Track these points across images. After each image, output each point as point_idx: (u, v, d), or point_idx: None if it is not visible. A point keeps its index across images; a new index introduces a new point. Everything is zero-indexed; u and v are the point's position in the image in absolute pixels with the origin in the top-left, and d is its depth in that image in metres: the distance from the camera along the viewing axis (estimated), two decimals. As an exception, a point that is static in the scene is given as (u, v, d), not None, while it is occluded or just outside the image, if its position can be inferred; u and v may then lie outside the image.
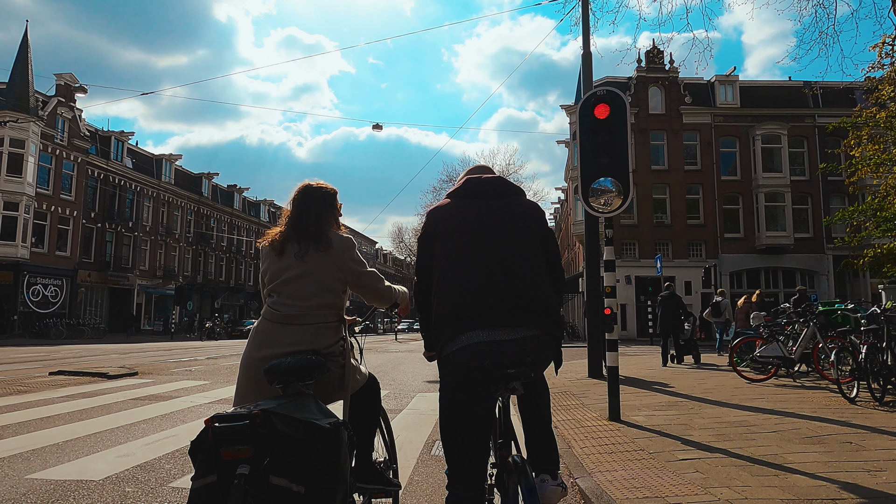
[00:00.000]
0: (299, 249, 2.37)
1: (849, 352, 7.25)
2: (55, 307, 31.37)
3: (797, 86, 31.95)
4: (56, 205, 31.88)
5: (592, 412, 6.49)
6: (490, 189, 2.33)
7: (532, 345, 2.07)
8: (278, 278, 2.37)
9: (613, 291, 6.38)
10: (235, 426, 1.78)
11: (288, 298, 2.33)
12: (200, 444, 1.84)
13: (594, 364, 10.10)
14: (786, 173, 30.25)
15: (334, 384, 2.35)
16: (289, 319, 2.31)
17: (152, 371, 11.18)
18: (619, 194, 6.21)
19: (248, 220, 53.00)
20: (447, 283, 2.15)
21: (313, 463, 1.84)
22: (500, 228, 2.21)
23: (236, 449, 1.77)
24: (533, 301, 2.11)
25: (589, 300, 10.40)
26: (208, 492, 1.79)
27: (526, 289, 2.12)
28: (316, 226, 2.42)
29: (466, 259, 2.15)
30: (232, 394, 5.57)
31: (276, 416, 1.85)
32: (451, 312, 2.10)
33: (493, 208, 2.26)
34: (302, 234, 2.39)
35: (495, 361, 2.02)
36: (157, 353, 17.01)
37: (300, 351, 2.25)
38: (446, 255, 2.19)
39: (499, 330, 2.04)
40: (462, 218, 2.25)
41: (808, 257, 30.04)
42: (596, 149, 6.20)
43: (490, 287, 2.09)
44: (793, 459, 4.13)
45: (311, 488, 1.81)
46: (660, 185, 31.05)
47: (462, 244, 2.18)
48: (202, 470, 1.82)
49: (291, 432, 1.84)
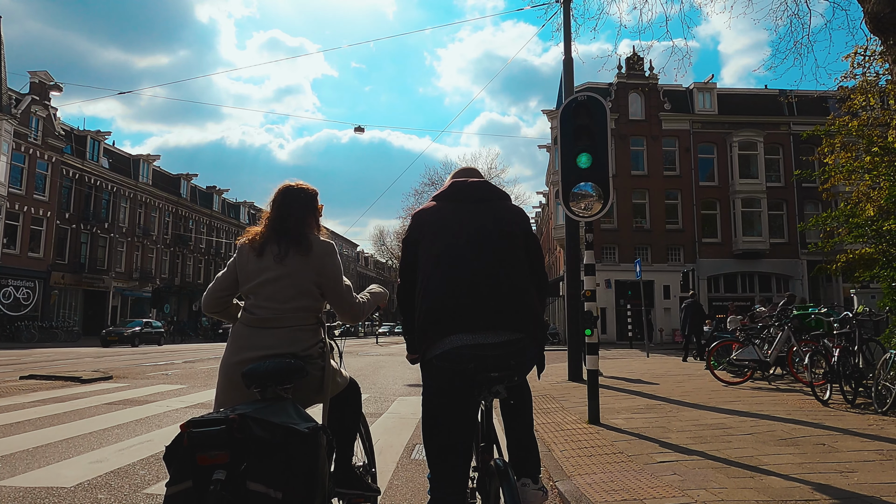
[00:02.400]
0: (279, 252, 2.32)
1: (822, 355, 7.40)
2: (27, 310, 30.66)
3: (773, 94, 32.60)
4: (29, 205, 31.18)
5: (572, 415, 6.52)
6: (475, 193, 2.33)
7: (515, 348, 2.07)
8: (255, 279, 2.32)
9: (593, 295, 6.43)
10: (211, 431, 1.74)
11: (265, 301, 2.29)
12: (176, 449, 1.79)
13: (574, 367, 10.16)
14: (762, 179, 30.83)
15: (313, 388, 2.31)
16: (266, 323, 2.27)
17: (127, 375, 10.97)
18: (600, 199, 6.26)
19: (227, 221, 52.42)
20: (431, 286, 2.13)
21: (291, 468, 1.80)
22: (484, 232, 2.20)
23: (212, 454, 1.73)
24: (516, 305, 2.11)
25: (569, 303, 10.47)
26: (184, 498, 1.75)
27: (509, 293, 2.11)
28: (297, 228, 2.38)
29: (450, 263, 2.14)
30: (210, 398, 5.52)
31: (254, 421, 1.80)
32: (434, 315, 2.09)
33: (477, 212, 2.25)
34: (282, 236, 2.35)
35: (479, 365, 2.02)
36: (132, 357, 16.72)
37: (278, 354, 2.21)
38: (430, 258, 2.18)
39: (482, 333, 2.04)
40: (446, 221, 2.24)
41: (783, 262, 30.62)
42: (576, 153, 6.26)
43: (473, 291, 2.09)
44: (768, 461, 4.19)
45: (289, 494, 1.77)
46: (639, 190, 31.43)
47: (445, 247, 2.17)
48: (177, 475, 1.78)
49: (269, 437, 1.80)
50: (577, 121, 6.27)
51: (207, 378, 10.71)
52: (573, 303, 10.39)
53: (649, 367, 12.74)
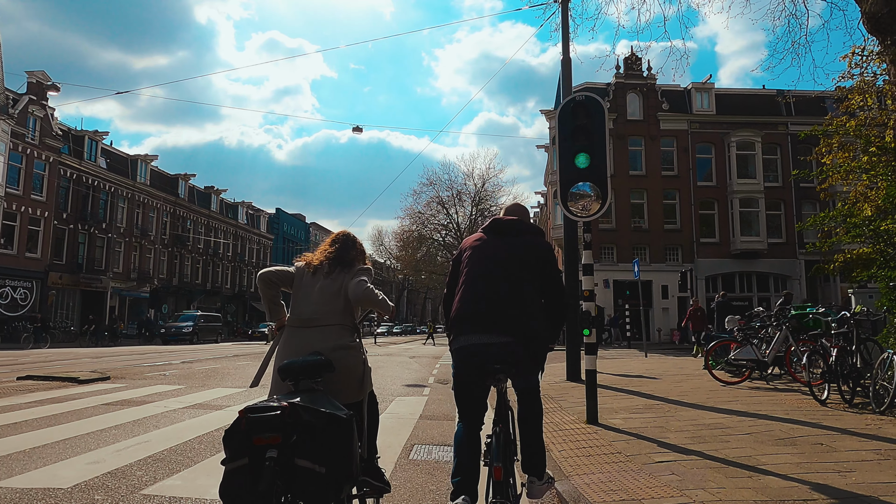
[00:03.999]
0: (329, 270, 2.93)
1: (820, 355, 7.40)
2: (24, 310, 30.59)
3: (771, 94, 32.63)
4: (26, 205, 31.11)
5: (570, 415, 6.52)
6: (510, 229, 3.03)
7: (511, 348, 2.71)
8: (306, 287, 2.90)
9: (592, 295, 6.43)
10: (267, 416, 2.09)
11: (309, 305, 2.84)
12: (234, 431, 2.13)
13: (572, 367, 10.16)
14: (759, 179, 30.87)
15: (341, 382, 2.71)
16: (309, 323, 2.79)
17: (125, 375, 10.95)
18: (598, 199, 6.26)
19: (225, 222, 52.33)
20: (460, 297, 2.87)
21: (332, 448, 2.19)
22: (508, 260, 2.88)
23: (266, 436, 2.07)
24: (512, 316, 2.75)
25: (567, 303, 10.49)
26: (241, 473, 2.09)
27: (508, 307, 2.76)
28: (350, 260, 2.99)
29: (475, 281, 2.87)
30: (208, 398, 5.83)
31: (302, 408, 2.18)
32: (458, 319, 2.83)
33: (507, 244, 2.95)
34: (338, 263, 2.96)
35: (483, 358, 2.72)
36: (130, 357, 16.68)
37: (314, 351, 2.67)
38: (465, 276, 2.92)
39: (487, 335, 2.72)
40: (483, 250, 2.97)
41: (781, 262, 30.66)
42: (575, 153, 6.26)
43: (484, 304, 2.78)
44: (766, 461, 4.19)
45: (331, 469, 2.15)
46: (637, 190, 31.44)
47: (477, 269, 2.90)
48: (235, 454, 2.12)
49: (314, 421, 2.18)
50: (576, 121, 6.27)
51: (205, 378, 10.70)
52: (571, 302, 10.39)
53: (648, 367, 12.75)
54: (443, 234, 53.70)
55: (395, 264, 60.46)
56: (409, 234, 54.74)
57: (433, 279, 59.87)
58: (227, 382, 10.07)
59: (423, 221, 52.78)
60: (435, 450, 5.10)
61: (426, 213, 52.28)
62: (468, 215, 52.02)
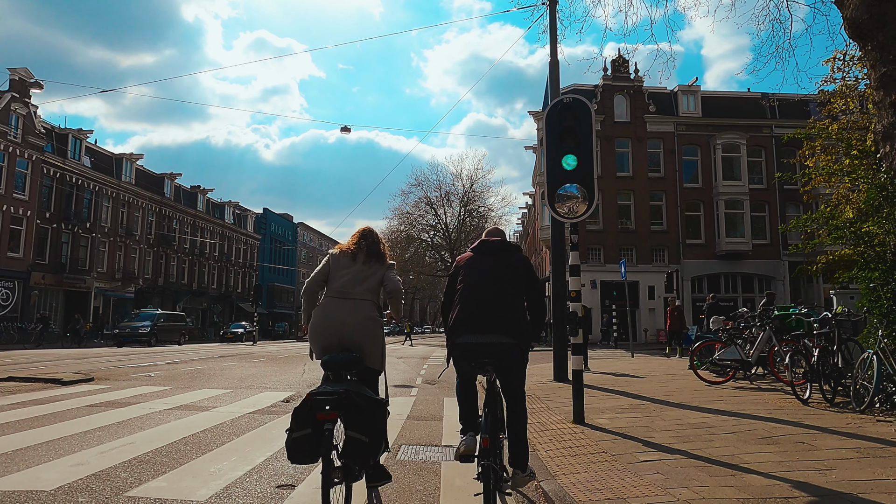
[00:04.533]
0: (366, 259, 3.57)
1: (802, 355, 7.51)
2: (6, 311, 30.15)
3: (755, 97, 33.01)
4: (8, 204, 30.65)
5: (557, 415, 6.56)
6: (495, 247, 3.65)
7: (498, 346, 3.33)
8: (346, 269, 3.52)
9: (579, 296, 6.47)
10: (328, 398, 2.86)
11: (347, 281, 3.46)
12: (302, 408, 2.88)
13: (559, 368, 10.21)
14: (745, 182, 31.23)
15: (369, 350, 3.39)
16: (345, 294, 3.42)
17: (109, 377, 10.83)
18: (585, 200, 6.30)
19: (212, 221, 51.91)
20: (458, 305, 3.48)
21: (373, 423, 2.97)
22: (495, 274, 3.49)
23: (327, 413, 2.84)
24: (501, 320, 3.35)
25: (555, 304, 10.53)
26: (305, 439, 2.84)
27: (497, 312, 3.37)
28: (381, 253, 3.65)
29: (469, 291, 3.47)
30: (192, 399, 6.06)
31: (354, 393, 2.92)
32: (457, 323, 3.43)
33: (494, 261, 3.57)
34: (370, 252, 3.61)
35: (476, 352, 3.33)
36: (114, 358, 16.50)
37: (349, 333, 3.32)
38: (461, 287, 3.53)
39: (479, 335, 3.34)
40: (473, 265, 3.59)
41: (765, 263, 31.03)
42: (562, 155, 6.30)
43: (478, 310, 3.39)
44: (749, 459, 4.25)
45: (372, 439, 2.93)
46: (625, 191, 31.67)
47: (470, 281, 3.50)
48: (302, 425, 2.86)
49: (361, 403, 2.93)
50: (563, 123, 6.31)
51: (191, 380, 10.61)
52: (558, 303, 10.45)
53: (634, 367, 12.85)
54: (431, 235, 53.62)
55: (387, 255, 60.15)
56: (397, 235, 54.65)
57: (421, 280, 59.79)
58: (214, 383, 10.00)
59: (411, 222, 52.68)
60: (422, 450, 5.11)
61: (414, 213, 52.20)
62: (456, 216, 52.02)
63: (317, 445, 2.81)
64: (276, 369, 13.25)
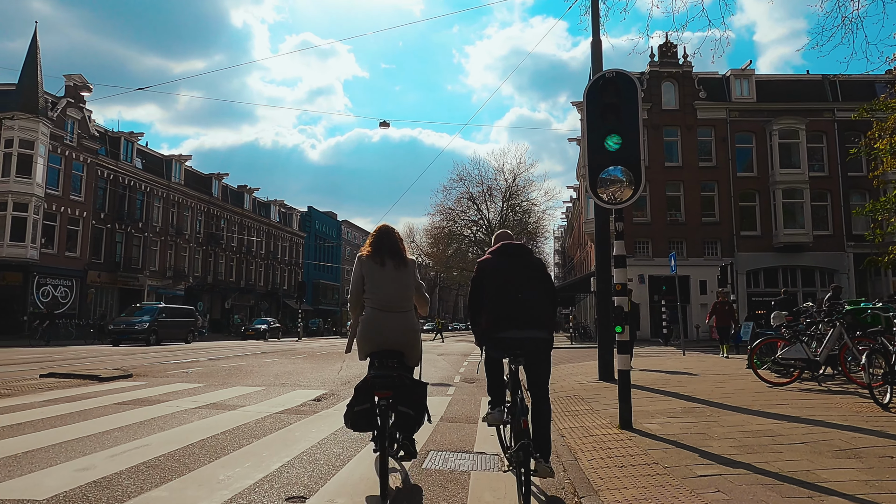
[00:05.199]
0: (395, 264, 3.79)
1: (881, 354, 6.71)
2: (65, 308, 31.37)
3: (815, 79, 31.13)
4: (66, 205, 31.87)
5: (602, 419, 6.03)
6: (517, 251, 3.95)
7: (536, 341, 3.67)
8: (381, 281, 3.74)
9: (624, 289, 5.91)
10: (385, 380, 3.51)
11: (388, 292, 3.73)
12: (363, 386, 3.59)
13: (605, 366, 9.60)
14: (804, 169, 29.45)
15: (412, 353, 3.83)
16: (391, 308, 3.72)
17: (148, 373, 10.84)
18: (630, 184, 5.74)
19: (258, 220, 52.90)
20: (492, 304, 3.74)
21: (418, 400, 3.70)
22: (520, 274, 3.80)
23: (383, 391, 3.48)
24: (536, 316, 3.70)
25: (599, 298, 9.91)
26: (365, 412, 3.55)
27: (533, 309, 3.70)
28: (403, 251, 3.89)
29: (503, 292, 3.74)
30: (223, 398, 6.59)
31: (404, 376, 3.62)
32: (495, 319, 3.70)
33: (516, 262, 3.86)
34: (395, 255, 3.82)
35: (515, 346, 3.64)
36: (160, 355, 16.74)
37: (395, 341, 3.71)
38: (491, 288, 3.78)
39: (515, 330, 3.65)
40: (500, 267, 3.85)
41: (827, 255, 29.21)
42: (604, 135, 5.75)
43: (514, 308, 3.68)
44: (827, 477, 3.65)
45: (416, 412, 3.68)
46: (673, 182, 30.38)
47: (501, 282, 3.77)
48: (361, 400, 3.58)
49: (410, 383, 3.66)
50: (605, 99, 5.76)
51: (227, 376, 10.51)
52: (603, 298, 9.84)
53: (686, 365, 12.07)
54: (473, 231, 53.11)
55: (426, 261, 60.15)
56: (439, 231, 54.36)
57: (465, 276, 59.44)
58: (249, 380, 9.85)
59: (453, 218, 52.31)
60: (451, 457, 4.69)
61: (456, 209, 51.80)
62: (499, 211, 51.32)
63: (373, 416, 3.51)
64: (315, 366, 13.08)
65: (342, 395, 8.15)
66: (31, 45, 30.63)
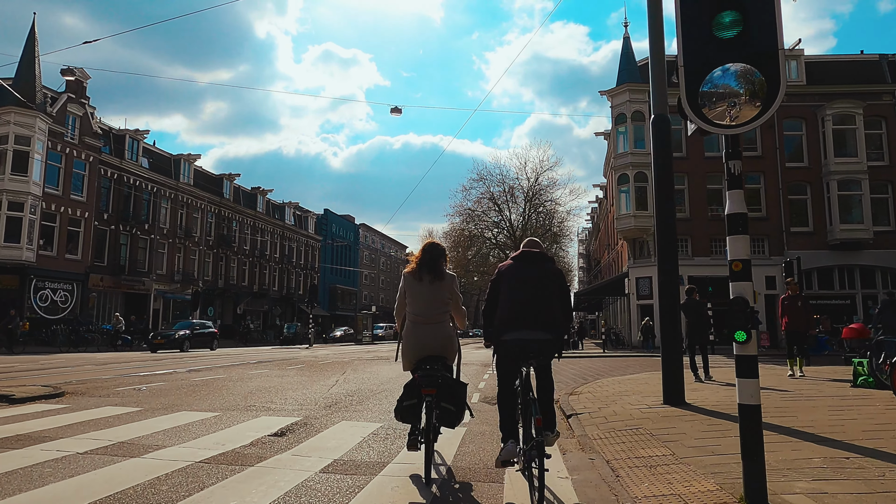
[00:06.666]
0: (431, 279, 4.31)
1: None
2: (65, 313, 29.78)
3: (872, 59, 28.25)
4: (66, 205, 30.33)
5: (702, 478, 3.71)
6: (533, 258, 4.19)
7: (542, 342, 3.91)
8: (420, 295, 4.31)
9: (747, 269, 3.59)
10: (431, 379, 4.09)
11: (426, 308, 4.30)
12: (412, 384, 4.23)
13: (672, 385, 7.20)
14: (862, 158, 26.55)
15: (450, 356, 4.37)
16: (429, 320, 4.29)
17: (87, 392, 8.70)
18: (757, 94, 3.46)
19: (272, 223, 51.17)
20: (505, 306, 4.06)
21: (458, 397, 4.30)
22: (535, 280, 4.07)
23: (429, 388, 4.08)
24: (546, 319, 3.97)
25: (662, 293, 7.52)
26: (412, 407, 4.21)
27: (542, 312, 3.97)
28: (440, 267, 4.38)
29: (514, 295, 4.05)
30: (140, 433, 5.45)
31: (446, 376, 4.23)
32: (507, 320, 4.01)
33: (534, 269, 4.12)
34: (432, 270, 4.33)
35: (523, 347, 3.89)
36: (131, 366, 14.71)
37: (433, 348, 4.26)
38: (505, 292, 4.11)
39: (525, 331, 3.92)
40: (516, 272, 4.13)
41: (890, 253, 26.22)
42: (714, 12, 3.48)
43: (525, 310, 3.98)
44: None
45: (457, 408, 4.27)
46: (714, 174, 27.61)
47: (516, 287, 4.08)
48: (410, 397, 4.23)
49: (451, 382, 4.28)
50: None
51: (184, 395, 8.35)
52: (666, 292, 7.46)
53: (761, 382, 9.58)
54: (495, 233, 50.65)
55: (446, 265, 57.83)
56: (459, 233, 52.01)
57: (486, 281, 57.02)
58: (207, 402, 7.66)
59: (473, 219, 49.89)
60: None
61: (477, 210, 49.37)
62: (521, 212, 48.81)
63: (419, 411, 4.13)
64: (305, 380, 10.86)
65: (318, 426, 5.94)
66: (28, 37, 29.24)
